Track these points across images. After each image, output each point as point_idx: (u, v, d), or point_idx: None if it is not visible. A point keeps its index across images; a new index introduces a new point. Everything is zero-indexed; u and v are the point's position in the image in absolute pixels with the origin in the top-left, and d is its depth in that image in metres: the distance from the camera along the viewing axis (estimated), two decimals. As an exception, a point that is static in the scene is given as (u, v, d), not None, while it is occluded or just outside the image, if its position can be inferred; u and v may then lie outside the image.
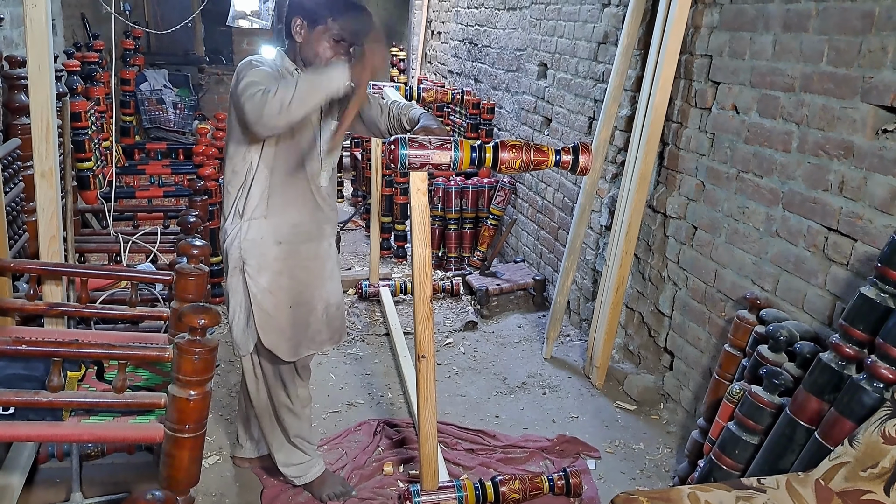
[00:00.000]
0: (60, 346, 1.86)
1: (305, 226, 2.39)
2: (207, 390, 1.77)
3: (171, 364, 1.75)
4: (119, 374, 1.87)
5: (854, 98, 2.25)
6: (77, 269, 2.59)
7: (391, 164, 2.14)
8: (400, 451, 2.89)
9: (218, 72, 8.37)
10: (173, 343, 1.75)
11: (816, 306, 2.41)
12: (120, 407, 1.91)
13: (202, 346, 1.70)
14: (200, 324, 1.71)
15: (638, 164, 3.18)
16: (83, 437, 1.99)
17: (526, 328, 4.07)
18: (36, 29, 2.47)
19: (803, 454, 2.05)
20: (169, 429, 1.74)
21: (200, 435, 1.79)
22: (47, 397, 1.80)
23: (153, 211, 3.95)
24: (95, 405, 1.93)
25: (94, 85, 4.55)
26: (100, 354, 1.98)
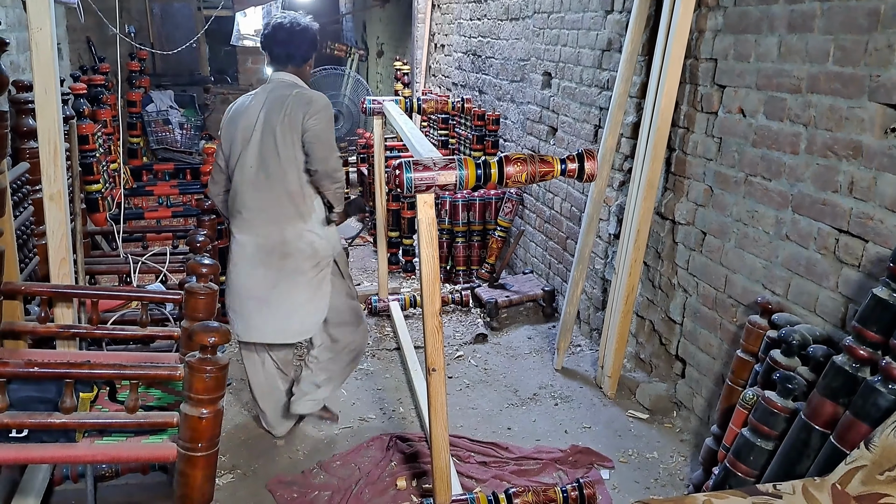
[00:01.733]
0: (72, 368, 1.87)
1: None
2: (219, 408, 1.77)
3: (183, 383, 1.76)
4: (131, 394, 1.88)
5: (861, 97, 2.24)
6: (87, 291, 2.60)
7: (397, 189, 2.15)
8: (413, 466, 2.87)
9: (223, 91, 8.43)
10: (184, 362, 1.75)
11: (829, 309, 2.39)
12: (132, 427, 1.93)
13: (213, 364, 1.71)
14: (211, 342, 1.72)
15: (645, 171, 3.17)
16: (97, 457, 1.99)
17: (536, 339, 4.06)
18: (42, 53, 2.50)
19: (819, 459, 2.03)
20: (182, 447, 1.75)
21: (213, 453, 1.80)
22: (60, 419, 1.81)
23: (162, 231, 3.97)
24: (108, 426, 1.94)
25: (100, 107, 4.58)
26: (111, 375, 1.98)
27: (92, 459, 2.05)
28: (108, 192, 4.23)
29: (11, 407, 1.84)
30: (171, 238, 3.84)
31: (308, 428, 3.14)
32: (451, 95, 6.24)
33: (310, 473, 2.82)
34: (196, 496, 1.79)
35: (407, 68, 6.83)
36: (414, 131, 2.99)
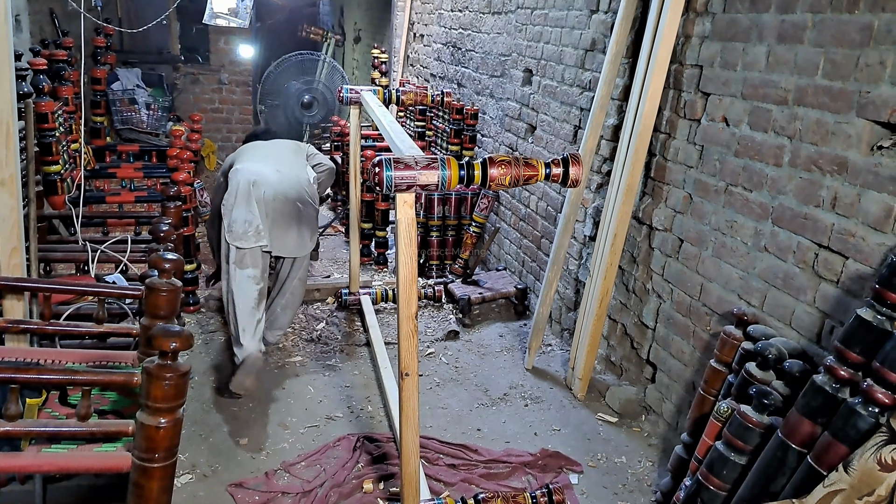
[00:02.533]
0: (18, 372, 1.75)
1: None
2: (179, 417, 1.67)
3: (140, 389, 1.66)
4: (83, 401, 1.78)
5: (850, 113, 2.21)
6: (40, 284, 2.48)
7: (376, 187, 2.07)
8: (380, 468, 2.80)
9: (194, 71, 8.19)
10: (142, 367, 1.65)
11: (805, 323, 2.37)
12: (84, 435, 1.82)
13: (173, 370, 1.61)
14: (172, 347, 1.62)
15: (625, 175, 3.13)
16: (43, 467, 1.86)
17: (508, 337, 4.01)
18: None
19: (795, 478, 2.01)
20: (137, 458, 1.65)
21: (171, 464, 1.70)
22: (4, 427, 1.70)
23: (124, 217, 3.82)
24: (57, 434, 1.83)
25: (62, 84, 4.40)
26: (62, 380, 1.87)
27: (38, 469, 1.91)
28: (67, 173, 4.07)
29: (-50, 413, 1.73)
30: (134, 224, 3.70)
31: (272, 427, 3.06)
32: (430, 87, 6.14)
33: (273, 475, 2.73)
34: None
35: (385, 56, 6.71)
36: (394, 125, 2.90)
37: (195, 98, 8.23)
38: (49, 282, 2.72)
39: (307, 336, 3.93)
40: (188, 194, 4.04)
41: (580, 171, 2.17)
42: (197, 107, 8.09)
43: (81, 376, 1.79)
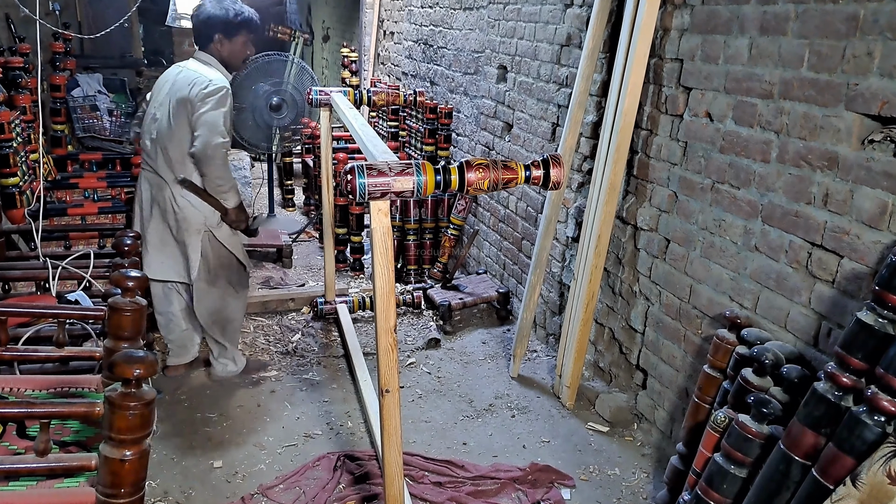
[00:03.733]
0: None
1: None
2: (145, 448, 1.56)
3: (103, 420, 1.54)
4: (41, 435, 1.66)
5: (838, 106, 2.14)
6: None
7: (349, 195, 1.97)
8: (362, 488, 2.68)
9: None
10: (104, 395, 1.53)
11: (800, 325, 2.29)
12: (43, 472, 1.71)
13: (137, 399, 1.50)
14: (136, 374, 1.51)
15: (607, 174, 3.03)
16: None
17: (491, 344, 3.90)
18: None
19: (800, 492, 1.92)
20: (101, 493, 1.54)
21: (138, 499, 1.58)
22: (-44, 466, 1.58)
23: (87, 230, 3.66)
24: (14, 472, 1.71)
25: (19, 92, 4.22)
26: (19, 414, 1.76)
27: (-7, 510, 1.80)
28: (26, 185, 3.89)
29: None
30: (98, 237, 3.54)
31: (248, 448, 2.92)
32: (402, 86, 6.02)
33: (250, 500, 2.60)
34: (117, 548, 1.57)
35: (355, 55, 6.57)
36: (366, 129, 2.79)
37: (161, 103, 8.01)
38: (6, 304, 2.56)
39: (282, 348, 3.79)
40: (154, 204, 3.87)
41: (561, 172, 2.10)
42: (162, 112, 7.87)
43: (39, 409, 1.67)
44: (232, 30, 3.14)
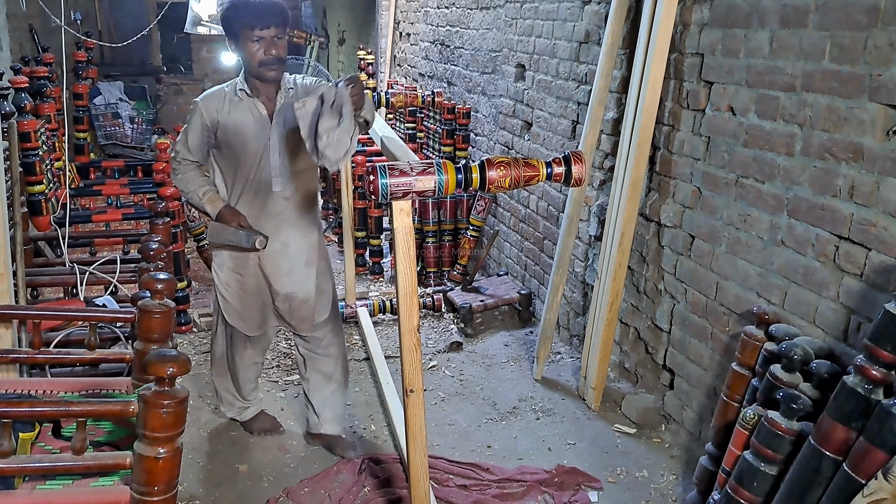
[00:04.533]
0: (10, 406, 1.68)
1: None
2: (178, 446, 1.60)
3: (137, 419, 1.57)
4: (78, 434, 1.70)
5: (861, 97, 2.12)
6: (29, 311, 2.38)
7: (371, 196, 1.98)
8: (388, 491, 2.69)
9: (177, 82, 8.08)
10: (137, 394, 1.56)
11: (829, 320, 2.26)
12: (80, 470, 1.75)
13: (171, 397, 1.54)
14: (169, 373, 1.56)
15: (629, 171, 3.02)
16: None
17: (513, 346, 3.88)
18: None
19: (832, 488, 1.90)
20: (136, 492, 1.58)
21: (171, 496, 1.62)
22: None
23: (111, 236, 3.70)
24: (52, 470, 1.75)
25: (44, 101, 4.28)
26: (57, 413, 1.81)
27: (33, 510, 1.83)
28: (52, 192, 3.94)
29: (-61, 452, 1.63)
30: (122, 243, 3.57)
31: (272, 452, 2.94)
32: (419, 87, 6.03)
33: (275, 503, 2.61)
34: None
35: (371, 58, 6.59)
36: (386, 130, 2.80)
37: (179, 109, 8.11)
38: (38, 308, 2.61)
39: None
40: (176, 210, 3.92)
41: (583, 169, 2.07)
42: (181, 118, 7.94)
43: (76, 407, 1.71)
44: (229, 30, 2.60)
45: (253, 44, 2.51)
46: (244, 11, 2.51)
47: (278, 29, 2.53)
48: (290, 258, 2.72)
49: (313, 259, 2.77)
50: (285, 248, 2.71)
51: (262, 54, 2.51)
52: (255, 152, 2.60)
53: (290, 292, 2.74)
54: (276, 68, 2.55)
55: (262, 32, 2.49)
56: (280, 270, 2.72)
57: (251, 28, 2.49)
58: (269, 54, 2.51)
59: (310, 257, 2.76)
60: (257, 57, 2.51)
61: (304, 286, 2.75)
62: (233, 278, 2.76)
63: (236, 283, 2.76)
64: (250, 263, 2.73)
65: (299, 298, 2.75)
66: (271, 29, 2.50)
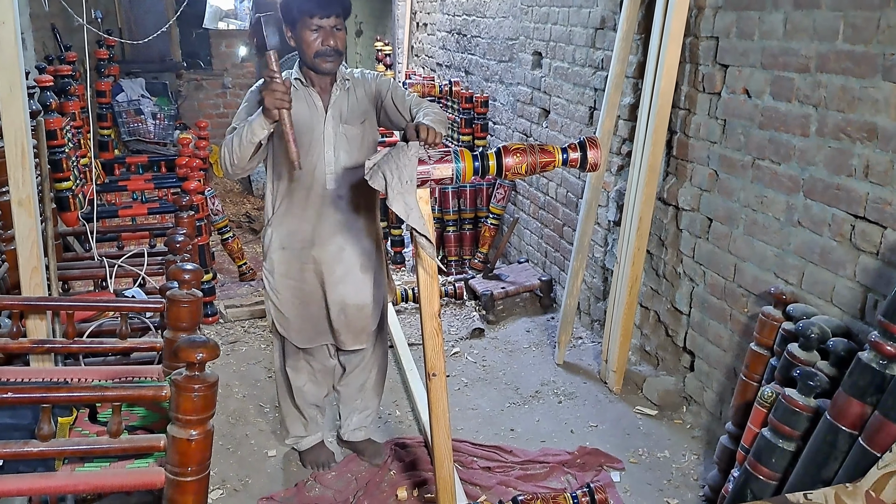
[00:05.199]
0: (49, 391, 1.75)
1: (304, 233, 2.52)
2: (209, 429, 1.67)
3: (170, 403, 1.65)
4: (114, 417, 1.77)
5: (875, 77, 2.14)
6: (62, 303, 2.45)
7: None
8: (413, 474, 2.75)
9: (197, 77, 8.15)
10: (169, 379, 1.63)
11: (846, 299, 2.28)
12: (116, 452, 1.81)
13: (201, 382, 1.61)
14: (198, 358, 1.63)
15: (646, 155, 3.04)
16: (78, 487, 1.87)
17: (535, 332, 3.92)
18: (6, 49, 2.33)
19: (848, 462, 1.93)
20: (170, 472, 1.65)
21: (204, 477, 1.70)
22: (38, 447, 1.69)
23: (138, 230, 3.78)
24: (90, 452, 1.82)
25: (68, 99, 4.35)
26: (93, 398, 1.87)
27: (73, 489, 1.91)
28: (78, 189, 4.03)
29: (-17, 436, 1.71)
30: (149, 237, 3.65)
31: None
32: (436, 77, 6.06)
33: (304, 486, 2.68)
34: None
35: (388, 49, 6.63)
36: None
37: (199, 104, 8.19)
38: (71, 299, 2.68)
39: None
40: (200, 203, 3.99)
41: (598, 154, 2.10)
42: (202, 113, 8.05)
43: (112, 392, 1.77)
44: (287, 15, 2.45)
45: (311, 32, 2.36)
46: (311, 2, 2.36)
47: (338, 19, 2.40)
48: (346, 263, 2.55)
49: (369, 266, 2.60)
50: (341, 253, 2.54)
51: (319, 44, 2.37)
52: (309, 144, 2.43)
53: (344, 300, 2.56)
54: (333, 60, 2.40)
55: (321, 21, 2.35)
56: (334, 276, 2.55)
57: (311, 16, 2.35)
58: (327, 45, 2.37)
59: (365, 263, 2.59)
60: (314, 47, 2.37)
61: (360, 294, 2.58)
62: (284, 284, 2.57)
63: (288, 289, 2.57)
64: (305, 267, 2.55)
65: (354, 306, 2.58)
66: (332, 18, 2.37)
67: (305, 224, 2.51)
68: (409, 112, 2.48)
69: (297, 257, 2.54)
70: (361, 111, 2.51)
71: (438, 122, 2.28)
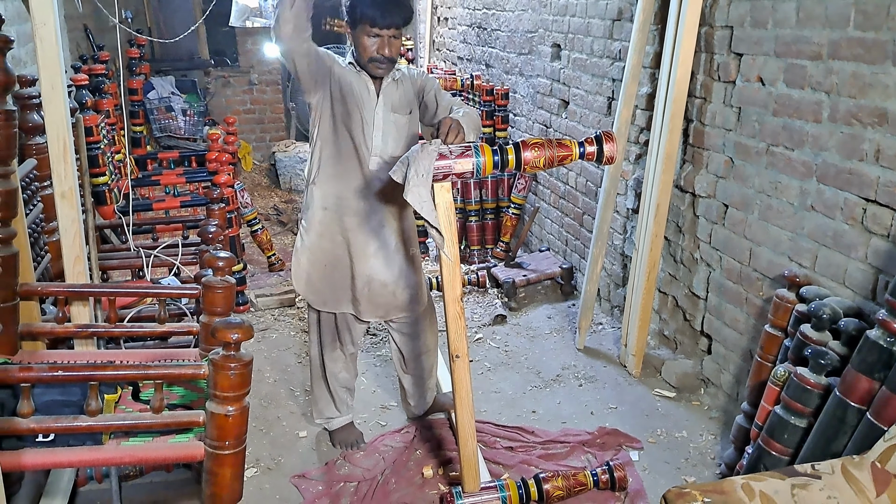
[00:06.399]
0: (97, 370, 1.86)
1: (350, 200, 2.64)
2: (245, 405, 1.76)
3: (208, 381, 1.74)
4: (156, 394, 1.87)
5: (885, 63, 2.18)
6: (104, 290, 2.57)
7: None
8: (438, 453, 2.85)
9: (224, 74, 8.30)
10: (207, 359, 1.73)
11: (858, 281, 2.34)
12: (159, 427, 1.92)
13: (237, 360, 1.70)
14: (234, 339, 1.71)
15: (662, 144, 3.11)
16: (124, 459, 1.99)
17: (556, 318, 4.01)
18: (46, 48, 2.45)
19: (856, 436, 2.00)
20: (209, 446, 1.74)
21: (241, 450, 1.79)
22: (87, 422, 1.81)
23: (171, 222, 3.91)
24: (135, 427, 1.93)
25: (103, 97, 4.50)
26: (137, 376, 1.98)
27: (119, 461, 2.04)
28: (114, 183, 4.18)
29: (37, 411, 1.83)
30: (182, 228, 3.79)
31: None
32: (458, 70, 6.14)
33: (334, 465, 2.80)
34: (225, 494, 1.78)
35: (410, 43, 6.72)
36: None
37: (227, 101, 8.34)
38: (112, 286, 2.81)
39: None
40: (230, 196, 4.12)
41: (614, 147, 2.17)
42: (230, 109, 8.20)
43: (154, 371, 1.88)
44: (350, 14, 2.55)
45: (368, 38, 2.48)
46: (370, 5, 2.46)
47: (398, 30, 2.51)
48: (381, 240, 2.68)
49: (401, 246, 2.73)
50: (381, 229, 2.67)
51: (374, 51, 2.48)
52: (359, 122, 2.56)
53: (370, 274, 2.69)
54: (385, 67, 2.53)
55: (381, 31, 2.46)
56: (368, 250, 2.67)
57: (372, 24, 2.45)
58: (381, 53, 2.49)
59: (398, 243, 2.72)
60: (369, 52, 2.49)
61: (387, 271, 2.70)
62: (318, 245, 2.69)
63: (320, 250, 2.69)
64: (342, 231, 2.66)
65: (379, 281, 2.70)
66: (391, 29, 2.48)
67: (349, 193, 2.63)
68: (447, 112, 2.60)
69: (337, 221, 2.65)
70: (408, 102, 2.65)
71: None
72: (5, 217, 2.20)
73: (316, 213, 2.67)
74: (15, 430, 1.78)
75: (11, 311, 2.28)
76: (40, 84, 2.47)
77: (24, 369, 1.80)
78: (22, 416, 1.78)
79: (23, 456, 1.83)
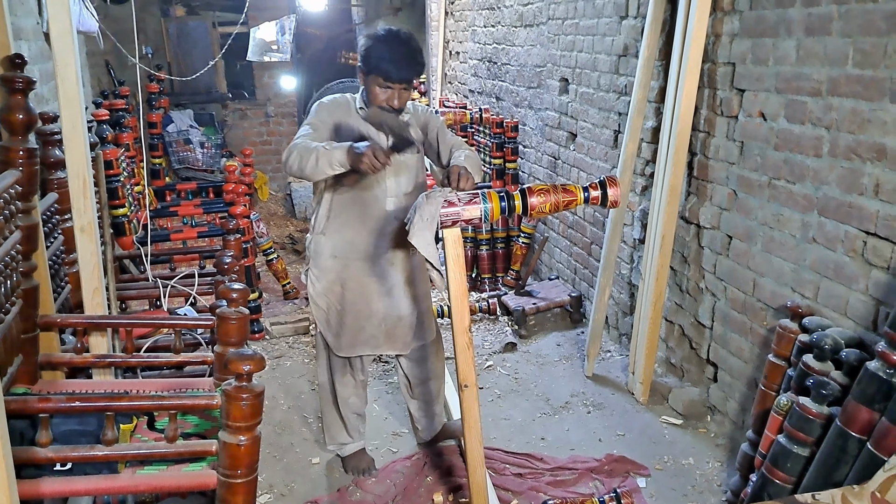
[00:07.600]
0: (112, 401, 1.93)
1: (361, 245, 2.71)
2: (257, 435, 1.81)
3: (220, 411, 1.79)
4: (170, 424, 1.93)
5: (883, 100, 2.23)
6: (122, 321, 2.64)
7: None
8: (448, 480, 2.89)
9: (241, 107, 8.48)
10: (220, 389, 1.78)
11: (859, 312, 2.37)
12: (173, 456, 1.97)
13: (249, 391, 1.74)
14: (246, 370, 1.75)
15: (667, 176, 3.17)
16: (139, 487, 2.03)
17: (565, 346, 4.06)
18: (68, 88, 2.54)
19: (857, 465, 2.03)
20: (222, 475, 1.79)
21: (253, 479, 1.83)
22: (103, 451, 1.87)
23: (188, 252, 4.01)
24: (150, 456, 1.98)
25: (122, 131, 4.63)
26: (152, 406, 2.03)
27: (135, 490, 2.08)
28: (133, 215, 4.28)
29: (55, 441, 1.89)
30: (199, 259, 3.88)
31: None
32: (469, 103, 6.25)
33: (346, 491, 2.84)
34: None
35: (423, 77, 6.85)
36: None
37: (244, 132, 8.51)
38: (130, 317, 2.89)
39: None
40: (246, 226, 4.22)
41: (618, 191, 2.22)
42: (246, 141, 8.36)
43: (169, 401, 1.94)
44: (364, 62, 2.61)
45: (380, 89, 2.56)
46: (385, 60, 2.52)
47: (409, 83, 2.59)
48: (394, 277, 2.76)
49: (414, 278, 2.81)
50: (391, 267, 2.75)
51: (383, 100, 2.56)
52: None
53: (386, 312, 2.76)
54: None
55: (392, 84, 2.55)
56: (382, 288, 2.74)
57: (385, 77, 2.53)
58: (391, 104, 2.57)
59: (411, 276, 2.80)
60: (379, 100, 2.57)
61: (401, 305, 2.79)
62: (332, 290, 2.75)
63: (333, 294, 2.75)
64: (354, 277, 2.72)
65: (394, 317, 2.78)
66: (402, 83, 2.56)
67: (361, 238, 2.70)
68: (448, 150, 2.67)
69: (348, 267, 2.72)
70: (417, 140, 2.68)
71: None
72: (27, 251, 2.28)
73: (326, 262, 2.75)
74: (34, 459, 1.84)
75: (32, 341, 2.34)
76: (61, 122, 2.57)
77: (43, 400, 1.87)
78: (41, 445, 1.85)
79: (41, 484, 1.88)
